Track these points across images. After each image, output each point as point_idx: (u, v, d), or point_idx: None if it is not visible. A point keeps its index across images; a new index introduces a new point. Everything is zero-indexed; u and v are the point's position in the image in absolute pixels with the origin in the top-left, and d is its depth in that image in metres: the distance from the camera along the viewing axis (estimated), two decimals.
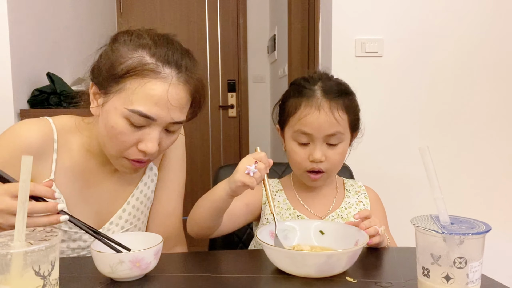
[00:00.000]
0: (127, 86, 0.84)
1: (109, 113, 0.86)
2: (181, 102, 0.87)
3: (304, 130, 1.01)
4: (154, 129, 0.86)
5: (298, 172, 1.07)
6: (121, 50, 0.86)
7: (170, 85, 0.85)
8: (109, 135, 0.86)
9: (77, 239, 0.95)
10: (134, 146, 0.87)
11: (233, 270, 0.83)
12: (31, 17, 2.02)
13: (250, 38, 3.79)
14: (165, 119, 0.86)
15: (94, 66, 0.90)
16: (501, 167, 1.99)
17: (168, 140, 0.92)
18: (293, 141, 1.04)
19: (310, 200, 1.10)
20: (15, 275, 0.54)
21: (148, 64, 0.84)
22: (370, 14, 1.90)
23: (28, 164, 0.59)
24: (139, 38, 0.87)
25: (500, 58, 1.96)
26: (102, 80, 0.87)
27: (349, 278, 0.76)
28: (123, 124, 0.85)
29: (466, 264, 0.63)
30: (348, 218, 1.07)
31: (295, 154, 1.04)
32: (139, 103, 0.83)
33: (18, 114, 1.85)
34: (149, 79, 0.83)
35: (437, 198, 0.67)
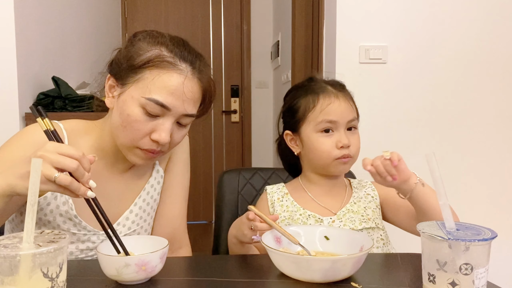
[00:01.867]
0: (145, 76, 0.88)
1: (126, 102, 0.88)
2: (194, 95, 0.91)
3: (330, 119, 1.05)
4: (168, 120, 0.89)
5: (326, 162, 1.07)
6: (141, 44, 0.91)
7: (186, 78, 0.89)
8: (124, 123, 0.89)
9: (85, 241, 0.95)
10: (147, 136, 0.89)
11: (238, 275, 0.83)
12: (37, 22, 2.03)
13: (253, 44, 3.81)
14: (179, 110, 0.89)
15: (113, 59, 0.94)
16: (507, 173, 1.99)
17: (179, 134, 0.94)
18: (316, 133, 1.07)
19: (323, 198, 1.11)
20: (23, 276, 0.55)
21: (166, 57, 0.89)
22: (374, 21, 1.91)
23: (37, 167, 0.60)
24: (157, 36, 0.92)
25: (504, 65, 1.96)
26: (120, 71, 0.90)
27: (354, 283, 0.76)
28: (138, 112, 0.87)
29: (472, 270, 0.63)
30: (359, 211, 1.07)
31: (322, 144, 1.06)
32: (156, 92, 0.87)
33: (23, 118, 1.86)
34: (167, 71, 0.88)
35: (443, 204, 0.68)
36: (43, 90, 1.99)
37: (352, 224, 1.04)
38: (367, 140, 1.91)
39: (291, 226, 0.97)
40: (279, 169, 1.40)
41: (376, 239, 1.04)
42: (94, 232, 0.96)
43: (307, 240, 0.91)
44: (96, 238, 0.96)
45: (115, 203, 1.00)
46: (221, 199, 1.35)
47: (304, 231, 0.93)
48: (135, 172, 1.03)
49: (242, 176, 1.38)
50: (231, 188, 1.36)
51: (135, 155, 0.92)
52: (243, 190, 1.36)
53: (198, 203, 3.73)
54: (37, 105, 1.91)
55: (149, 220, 1.06)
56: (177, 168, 1.10)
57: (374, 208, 1.09)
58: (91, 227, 0.95)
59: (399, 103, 1.94)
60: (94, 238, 0.96)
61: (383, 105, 1.94)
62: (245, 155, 3.84)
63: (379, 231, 1.05)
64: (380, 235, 1.05)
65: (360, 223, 1.04)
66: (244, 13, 3.76)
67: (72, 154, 0.73)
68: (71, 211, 0.92)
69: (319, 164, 1.09)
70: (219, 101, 3.78)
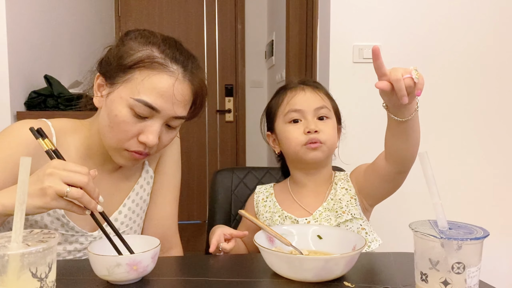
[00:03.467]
0: (135, 76, 0.86)
1: (114, 102, 0.87)
2: (185, 98, 0.90)
3: (295, 108, 1.08)
4: (156, 122, 0.88)
5: (296, 149, 1.07)
6: (132, 43, 0.89)
7: (177, 80, 0.88)
8: (112, 124, 0.87)
9: (73, 242, 0.94)
10: (135, 138, 0.88)
11: (230, 274, 0.83)
12: (29, 20, 2.02)
13: (248, 43, 3.81)
14: (168, 112, 0.88)
15: (103, 58, 0.92)
16: (500, 172, 2.00)
17: (168, 136, 0.93)
18: (285, 123, 1.10)
19: (305, 199, 1.11)
20: (12, 277, 0.54)
21: (157, 58, 0.87)
22: (368, 21, 1.91)
23: (26, 165, 0.59)
24: (149, 36, 0.91)
25: (499, 64, 1.97)
26: (110, 70, 0.89)
27: (347, 283, 0.76)
28: (126, 113, 0.86)
29: (464, 269, 0.63)
30: (333, 208, 1.06)
31: (290, 132, 1.08)
32: (145, 93, 0.85)
33: (15, 116, 1.84)
34: (157, 72, 0.86)
35: (436, 203, 0.68)
36: (35, 88, 1.98)
37: (328, 222, 1.04)
38: (361, 139, 1.92)
39: (284, 225, 0.97)
40: (273, 169, 1.39)
41: (357, 230, 1.03)
42: (82, 233, 0.94)
43: (300, 239, 0.90)
44: (84, 239, 0.95)
45: (105, 203, 0.98)
46: (214, 198, 1.35)
47: (297, 230, 0.93)
48: (124, 173, 1.02)
49: (236, 176, 1.37)
50: (224, 187, 1.35)
51: (121, 156, 0.91)
52: (236, 190, 1.35)
53: (192, 202, 3.72)
54: (30, 104, 1.90)
55: (138, 221, 1.05)
56: (168, 169, 1.10)
57: (349, 199, 1.07)
58: (79, 228, 0.94)
59: None
60: (82, 239, 0.95)
61: (377, 104, 1.93)
62: (239, 155, 3.84)
63: (358, 221, 1.04)
64: (360, 225, 1.04)
65: (335, 219, 1.04)
66: (238, 12, 3.76)
67: (79, 170, 0.73)
68: (59, 211, 0.91)
69: (291, 153, 1.09)
70: (213, 101, 3.77)
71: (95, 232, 0.96)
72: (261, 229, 0.91)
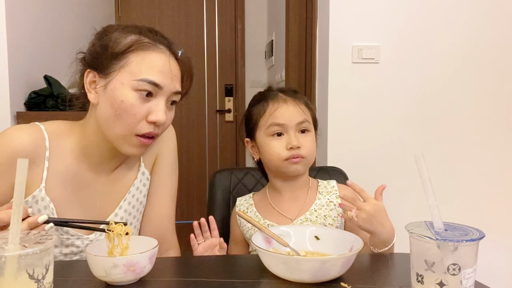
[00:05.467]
0: (131, 59, 0.88)
1: (116, 90, 0.88)
2: (178, 73, 0.94)
3: (278, 122, 1.08)
4: (161, 100, 0.90)
5: (277, 163, 1.09)
6: (114, 34, 0.91)
7: (169, 57, 0.91)
8: (118, 111, 0.88)
9: (69, 245, 0.94)
10: (144, 120, 0.89)
11: (228, 275, 0.83)
12: (29, 20, 2.02)
13: (247, 43, 3.81)
14: (169, 88, 0.91)
15: (86, 55, 0.93)
16: (496, 174, 2.00)
17: (170, 115, 0.95)
18: (267, 136, 1.10)
19: (283, 204, 1.13)
20: (9, 278, 0.54)
21: (146, 39, 0.90)
22: (367, 21, 1.91)
23: (23, 167, 0.59)
24: (129, 27, 0.93)
25: (498, 65, 1.97)
26: (101, 62, 0.90)
27: (344, 283, 0.76)
28: (132, 96, 0.87)
29: (460, 270, 0.63)
30: (317, 221, 1.08)
31: (272, 147, 1.09)
32: (146, 72, 0.88)
33: (14, 117, 1.84)
34: (150, 51, 0.89)
35: (432, 205, 0.68)
36: (35, 89, 1.98)
37: None
38: (359, 139, 1.92)
39: (281, 226, 0.97)
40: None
41: None
42: (77, 237, 0.94)
43: (297, 240, 0.91)
44: (80, 242, 0.95)
45: (100, 206, 0.99)
46: (213, 199, 1.35)
47: (294, 231, 0.93)
48: (120, 175, 1.02)
49: (234, 176, 1.37)
50: (223, 187, 1.36)
51: (130, 144, 0.91)
52: (235, 190, 1.35)
53: (192, 202, 3.72)
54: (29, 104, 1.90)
55: (135, 223, 1.05)
56: (164, 170, 1.10)
57: (335, 216, 1.09)
58: (74, 231, 0.94)
59: (391, 102, 1.95)
60: (78, 242, 0.95)
61: (376, 104, 1.94)
62: (239, 155, 3.84)
63: None
64: None
65: None
66: (238, 12, 3.76)
67: None
68: (52, 216, 0.91)
69: (272, 166, 1.12)
70: (213, 100, 3.77)
71: (91, 235, 0.96)
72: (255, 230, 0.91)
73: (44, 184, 0.91)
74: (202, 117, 3.76)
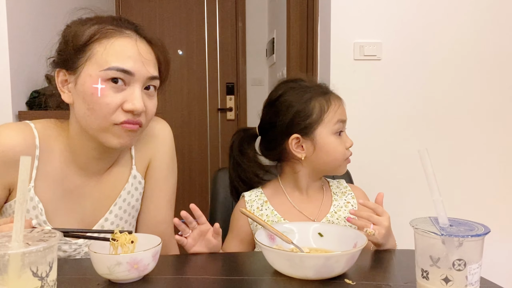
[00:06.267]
0: (96, 49, 0.84)
1: (86, 83, 0.84)
2: (151, 56, 0.89)
3: (343, 118, 1.09)
4: (135, 87, 0.86)
5: (338, 163, 1.09)
6: (78, 27, 0.88)
7: (137, 40, 0.87)
8: (91, 105, 0.84)
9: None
10: (120, 108, 0.85)
11: (232, 272, 0.83)
12: (30, 19, 2.02)
13: (248, 41, 3.80)
14: (142, 73, 0.86)
15: (55, 53, 0.90)
16: (500, 169, 1.99)
17: (151, 103, 0.90)
18: (332, 134, 1.07)
19: (303, 204, 1.10)
20: (12, 276, 0.54)
21: (110, 26, 0.86)
22: (369, 18, 1.90)
23: (26, 165, 0.59)
24: (91, 19, 0.89)
25: (499, 62, 1.96)
26: (67, 58, 0.86)
27: (348, 280, 0.75)
28: (103, 87, 0.83)
29: (465, 266, 0.63)
30: (339, 222, 1.07)
31: (338, 146, 1.08)
32: (113, 60, 0.84)
33: (16, 116, 1.84)
34: (116, 38, 0.85)
35: (436, 200, 0.67)
36: (36, 88, 1.98)
37: None
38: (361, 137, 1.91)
39: (285, 223, 0.97)
40: (272, 166, 1.39)
41: None
42: (65, 241, 0.92)
43: (301, 237, 0.90)
44: (68, 247, 0.93)
45: (90, 211, 0.96)
46: (215, 196, 1.35)
47: (298, 228, 0.92)
48: (111, 178, 0.99)
49: None
50: (225, 186, 1.35)
51: (114, 134, 0.86)
52: None
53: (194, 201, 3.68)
54: (31, 103, 1.90)
55: (127, 227, 1.02)
56: (159, 173, 1.05)
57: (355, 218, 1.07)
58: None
59: (394, 99, 1.94)
60: (66, 247, 0.93)
61: (378, 101, 1.94)
62: None
63: None
64: None
65: None
66: (239, 10, 3.75)
67: None
68: (41, 216, 0.90)
69: (331, 166, 1.09)
70: (215, 99, 3.77)
71: (80, 240, 0.94)
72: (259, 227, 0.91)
73: (33, 184, 0.89)
74: (203, 115, 3.76)
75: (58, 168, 0.92)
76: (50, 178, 0.91)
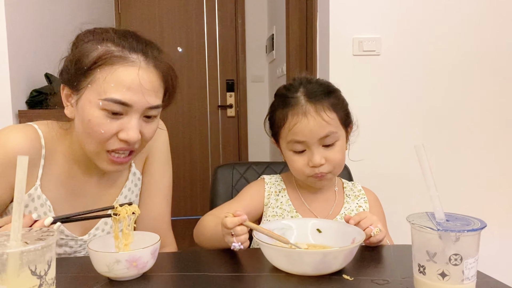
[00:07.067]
0: (97, 76, 0.83)
1: (84, 108, 0.84)
2: (154, 85, 0.86)
3: (297, 139, 1.01)
4: (133, 117, 0.85)
5: (301, 178, 1.07)
6: (85, 46, 0.85)
7: (140, 69, 0.84)
8: (87, 130, 0.85)
9: (63, 245, 0.94)
10: (115, 136, 0.85)
11: (230, 269, 0.83)
12: (29, 18, 2.02)
13: (248, 38, 3.80)
14: (141, 104, 0.85)
15: (62, 68, 0.89)
16: (497, 164, 1.99)
17: (149, 128, 0.90)
18: (289, 151, 1.04)
19: (313, 203, 1.10)
20: (11, 274, 0.54)
21: (114, 52, 0.83)
22: (367, 13, 1.90)
23: (24, 164, 0.59)
24: (101, 33, 0.87)
25: (498, 57, 1.96)
26: (71, 77, 0.86)
27: (346, 276, 0.76)
28: (99, 115, 0.83)
29: (462, 261, 0.63)
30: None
31: (294, 162, 1.04)
32: (112, 90, 0.82)
33: (16, 115, 1.85)
34: (118, 66, 0.83)
35: (433, 195, 0.68)
36: (36, 87, 1.98)
37: None
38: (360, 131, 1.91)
39: (283, 219, 0.97)
40: (274, 163, 1.40)
41: None
42: (72, 237, 0.95)
43: (299, 233, 0.91)
44: (74, 243, 0.95)
45: (93, 208, 0.95)
46: (215, 193, 1.35)
47: (296, 224, 0.93)
48: (112, 176, 1.01)
49: (236, 171, 1.37)
50: (225, 182, 1.36)
51: (105, 160, 0.89)
52: (237, 185, 1.35)
53: (195, 198, 3.73)
54: (31, 102, 1.90)
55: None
56: (155, 170, 1.07)
57: None
58: (68, 232, 0.94)
59: (392, 94, 1.94)
60: (72, 243, 0.95)
61: (377, 96, 1.94)
62: (241, 150, 3.84)
63: None
64: None
65: None
66: (238, 6, 3.75)
67: None
68: (49, 213, 0.91)
69: (297, 177, 1.08)
70: (215, 96, 3.77)
71: (85, 236, 0.97)
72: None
73: (40, 183, 0.91)
74: (204, 113, 3.77)
75: (62, 168, 0.94)
76: (55, 177, 0.94)
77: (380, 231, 0.90)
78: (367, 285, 0.73)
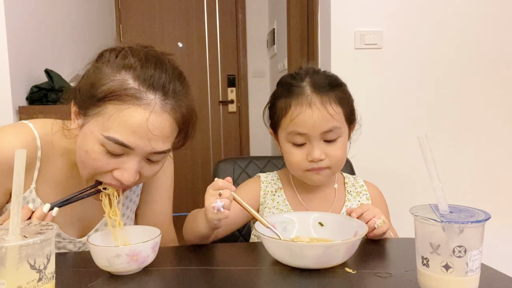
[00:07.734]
0: (105, 110, 0.77)
1: (86, 137, 0.80)
2: (164, 131, 0.79)
3: (298, 131, 0.96)
4: (133, 159, 0.80)
5: (297, 173, 1.02)
6: (104, 70, 0.79)
7: (152, 113, 0.77)
8: (83, 159, 0.81)
9: (61, 248, 0.93)
10: (110, 173, 0.81)
11: (231, 263, 0.83)
12: (29, 14, 2.01)
13: (249, 33, 3.78)
14: (144, 149, 0.79)
15: (78, 86, 0.84)
16: (501, 155, 1.99)
17: (150, 169, 0.84)
18: (288, 143, 0.99)
19: (311, 202, 1.07)
20: (10, 268, 0.54)
21: (129, 89, 0.77)
22: (369, 6, 1.88)
23: (21, 158, 0.59)
24: (124, 58, 0.80)
25: (500, 51, 1.94)
26: (82, 100, 0.81)
27: (348, 269, 0.75)
28: (98, 150, 0.78)
29: (466, 253, 0.62)
30: None
31: (292, 155, 0.99)
32: (115, 130, 0.77)
33: (16, 111, 1.84)
34: (129, 105, 0.76)
35: (436, 187, 0.67)
36: (36, 83, 1.98)
37: None
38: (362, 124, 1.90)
39: (285, 213, 0.96)
40: (275, 158, 1.39)
41: None
42: (70, 240, 0.93)
43: (301, 227, 0.90)
44: (72, 246, 0.94)
45: (92, 208, 0.96)
46: None
47: (298, 217, 0.92)
48: None
49: (238, 165, 1.37)
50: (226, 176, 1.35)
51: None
52: (238, 179, 1.35)
53: (197, 193, 3.72)
54: (31, 98, 1.90)
55: (128, 222, 1.03)
56: None
57: None
58: (66, 235, 0.92)
59: (394, 88, 1.93)
60: (70, 246, 0.94)
61: (379, 89, 1.92)
62: (243, 145, 3.83)
63: None
64: None
65: None
66: (239, 1, 3.73)
67: None
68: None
69: (292, 173, 1.05)
70: (216, 91, 3.76)
71: (83, 238, 0.95)
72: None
73: (35, 185, 0.89)
74: (205, 108, 3.76)
75: (59, 170, 0.91)
76: (52, 181, 0.91)
77: (384, 222, 0.88)
78: (370, 278, 0.72)
